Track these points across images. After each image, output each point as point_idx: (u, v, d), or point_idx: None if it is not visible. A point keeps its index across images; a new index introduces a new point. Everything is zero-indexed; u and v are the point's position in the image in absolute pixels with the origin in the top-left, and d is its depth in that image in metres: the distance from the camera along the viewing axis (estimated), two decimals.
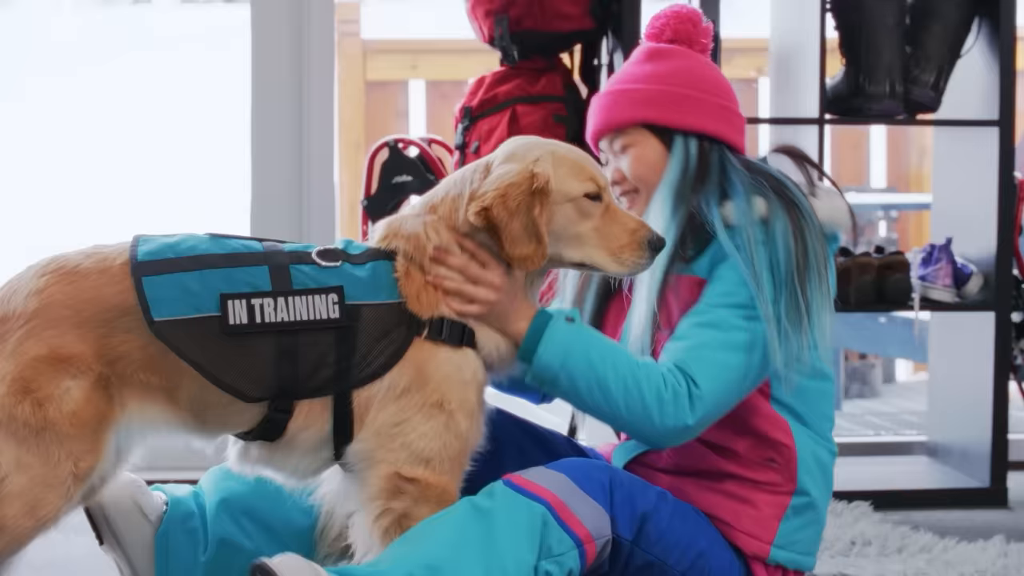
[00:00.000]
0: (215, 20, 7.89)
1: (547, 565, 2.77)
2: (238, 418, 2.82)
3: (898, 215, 8.09)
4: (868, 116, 4.77)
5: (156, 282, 2.76)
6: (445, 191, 2.94)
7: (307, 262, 2.83)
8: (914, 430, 6.00)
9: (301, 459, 2.86)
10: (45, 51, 7.35)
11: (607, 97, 3.12)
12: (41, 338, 2.72)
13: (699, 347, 2.89)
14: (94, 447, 2.74)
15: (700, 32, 3.15)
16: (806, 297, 2.92)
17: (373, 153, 4.82)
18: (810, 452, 3.03)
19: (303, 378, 2.78)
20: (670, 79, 3.08)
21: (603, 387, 2.85)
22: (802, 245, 2.93)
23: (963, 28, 4.75)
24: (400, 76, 7.61)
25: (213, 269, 2.79)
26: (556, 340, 2.85)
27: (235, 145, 5.28)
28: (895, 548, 4.01)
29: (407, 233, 2.89)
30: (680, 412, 2.85)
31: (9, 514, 2.70)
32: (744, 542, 3.00)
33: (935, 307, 4.73)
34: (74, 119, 6.94)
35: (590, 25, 4.57)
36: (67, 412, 2.71)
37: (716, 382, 2.87)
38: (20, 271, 2.83)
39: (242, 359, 2.76)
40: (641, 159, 3.07)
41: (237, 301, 2.76)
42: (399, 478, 2.81)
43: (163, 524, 3.06)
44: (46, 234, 6.55)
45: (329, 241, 4.85)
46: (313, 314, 2.78)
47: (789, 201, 2.97)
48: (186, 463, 4.02)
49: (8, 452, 2.70)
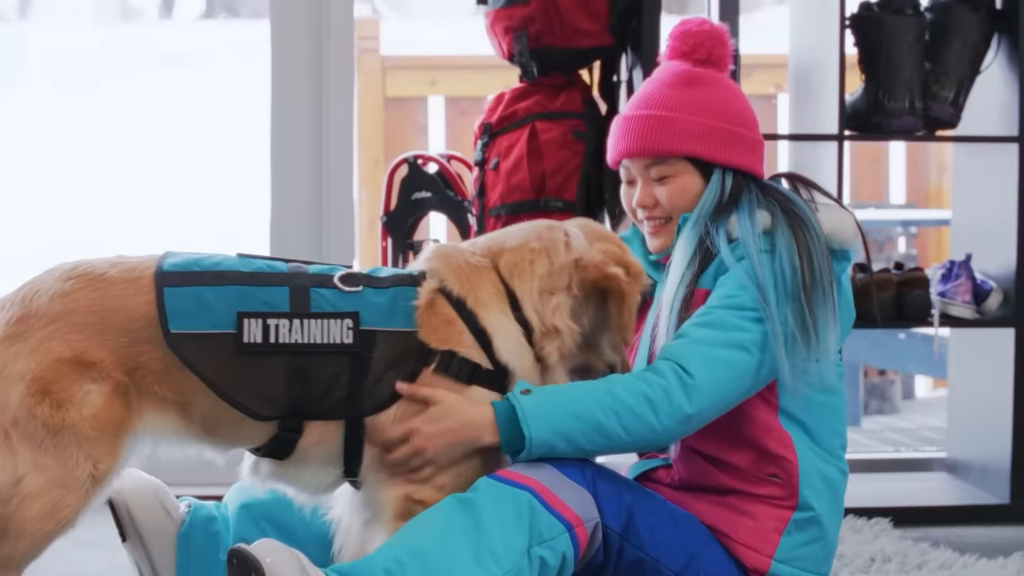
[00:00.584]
0: (236, 36, 7.91)
1: (540, 551, 2.78)
2: (249, 434, 2.84)
3: (917, 231, 8.08)
4: (887, 132, 4.77)
5: (176, 293, 2.78)
6: (518, 242, 2.97)
7: (328, 286, 2.85)
8: (934, 446, 5.98)
9: (313, 475, 2.89)
10: (66, 64, 7.38)
11: (642, 120, 3.11)
12: (65, 340, 2.74)
13: (696, 343, 2.91)
14: (112, 450, 2.75)
15: (729, 52, 3.17)
16: (813, 313, 2.93)
17: (392, 169, 4.83)
18: (814, 468, 3.03)
19: (315, 400, 2.80)
20: (715, 113, 3.09)
21: (598, 428, 2.85)
22: (807, 261, 2.95)
23: (982, 44, 4.74)
24: (419, 92, 7.62)
25: (233, 286, 2.81)
26: (534, 416, 2.83)
27: (255, 161, 5.29)
28: (915, 565, 4.00)
29: (456, 265, 2.92)
30: (675, 404, 2.85)
31: (29, 516, 2.71)
32: (744, 554, 3.00)
33: (955, 323, 4.72)
34: (95, 133, 6.96)
35: (609, 41, 4.57)
36: (87, 415, 2.72)
37: (712, 374, 2.88)
38: (42, 273, 2.84)
39: (254, 377, 2.78)
40: (683, 191, 3.10)
41: (253, 320, 2.78)
42: (411, 500, 2.84)
43: (185, 525, 3.10)
44: (66, 246, 6.57)
45: (348, 257, 4.87)
46: (327, 338, 2.80)
47: (795, 217, 2.99)
48: (205, 479, 4.03)
49: (25, 452, 2.72)
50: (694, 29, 3.16)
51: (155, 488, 3.09)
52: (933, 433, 6.49)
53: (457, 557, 2.73)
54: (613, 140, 3.18)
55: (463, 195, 4.72)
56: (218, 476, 3.45)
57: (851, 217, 3.09)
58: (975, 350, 5.00)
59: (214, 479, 3.83)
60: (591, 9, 4.52)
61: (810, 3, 4.84)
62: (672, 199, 3.10)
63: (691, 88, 3.11)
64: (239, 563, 2.68)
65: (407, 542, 2.76)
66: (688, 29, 3.17)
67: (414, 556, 2.72)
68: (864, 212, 7.81)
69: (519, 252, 2.97)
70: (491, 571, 2.74)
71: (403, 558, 2.72)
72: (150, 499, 3.07)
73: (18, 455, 2.71)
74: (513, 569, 2.76)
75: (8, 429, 2.71)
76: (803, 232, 2.97)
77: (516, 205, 4.49)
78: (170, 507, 3.09)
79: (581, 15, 4.50)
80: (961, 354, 5.12)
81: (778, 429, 3.01)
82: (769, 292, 2.91)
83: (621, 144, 3.15)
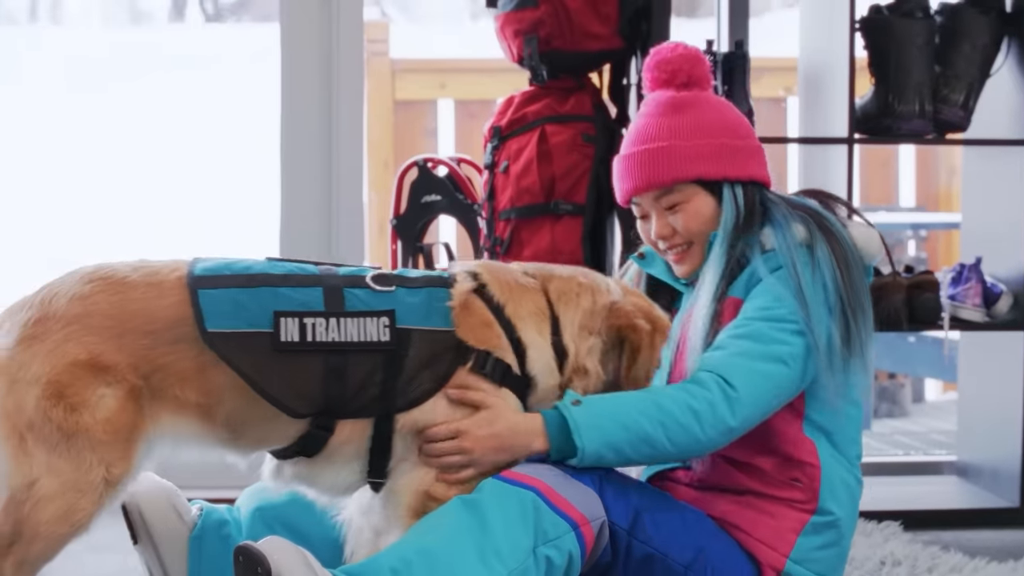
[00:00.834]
0: (245, 40, 7.92)
1: (546, 550, 2.79)
2: (277, 434, 2.85)
3: (927, 234, 8.07)
4: (897, 135, 4.77)
5: (211, 295, 2.79)
6: (567, 273, 3.04)
7: (361, 286, 2.88)
8: (944, 450, 5.97)
9: (336, 474, 2.89)
10: (77, 68, 7.40)
11: (641, 156, 3.13)
12: (81, 343, 2.74)
13: (736, 355, 2.93)
14: (125, 455, 2.75)
15: (707, 70, 3.19)
16: (857, 327, 2.97)
17: (402, 172, 4.84)
18: (836, 474, 3.05)
19: (349, 398, 2.82)
20: (710, 131, 3.10)
21: (645, 439, 2.87)
22: (847, 275, 2.97)
23: (992, 48, 4.74)
24: (429, 95, 7.62)
25: (267, 287, 2.83)
26: (586, 427, 2.87)
27: (265, 164, 5.30)
28: (925, 568, 3.99)
29: (502, 278, 2.97)
30: (719, 416, 2.88)
31: (43, 519, 2.71)
32: (760, 551, 3.02)
33: (965, 326, 4.71)
34: (106, 135, 6.98)
35: (619, 45, 4.57)
36: (101, 419, 2.72)
37: (754, 388, 2.90)
38: (62, 275, 2.84)
39: (291, 376, 2.79)
40: (697, 215, 3.11)
41: (289, 319, 2.79)
42: (428, 497, 2.85)
43: (197, 528, 3.11)
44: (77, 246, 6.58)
45: (358, 260, 4.87)
46: (364, 336, 2.82)
47: (829, 232, 3.00)
48: (218, 482, 4.03)
49: (40, 456, 2.72)
50: (669, 55, 3.18)
51: (167, 491, 3.10)
52: (943, 436, 6.48)
53: (463, 556, 2.74)
54: (618, 180, 3.20)
55: (473, 198, 4.72)
56: (230, 479, 3.45)
57: (876, 233, 3.11)
58: (985, 353, 4.99)
59: (226, 482, 3.83)
60: (601, 12, 4.52)
61: (820, 6, 4.84)
62: (687, 225, 3.11)
63: (681, 113, 3.12)
64: (245, 560, 2.69)
65: (413, 542, 2.77)
66: (664, 57, 3.19)
67: (420, 555, 2.73)
68: (874, 215, 7.80)
69: (568, 282, 3.02)
70: (496, 570, 2.75)
71: (410, 557, 2.73)
72: (162, 502, 3.08)
73: (33, 458, 2.72)
74: (519, 568, 2.77)
75: (24, 432, 2.72)
76: (840, 246, 3.00)
77: (526, 208, 4.49)
78: (182, 510, 3.10)
79: (591, 18, 4.50)
80: (971, 357, 5.12)
81: (802, 437, 3.03)
82: (812, 305, 2.94)
83: (627, 183, 3.17)
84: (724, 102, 3.19)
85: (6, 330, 2.77)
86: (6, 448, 2.72)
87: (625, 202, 3.20)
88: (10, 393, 2.73)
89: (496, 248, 4.54)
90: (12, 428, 2.72)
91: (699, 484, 3.10)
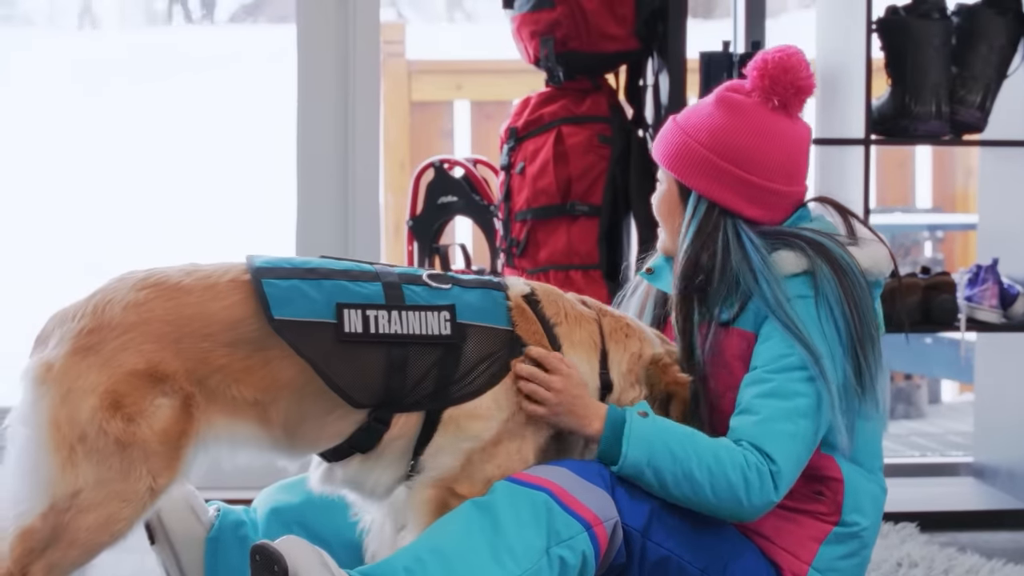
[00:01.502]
0: (262, 41, 7.93)
1: (559, 551, 2.80)
2: (332, 430, 2.86)
3: (944, 235, 8.05)
4: (914, 136, 4.76)
5: (275, 284, 2.81)
6: (618, 313, 3.09)
7: (418, 283, 2.91)
8: (960, 451, 5.96)
9: (384, 471, 2.91)
10: (92, 70, 7.41)
11: (664, 127, 3.14)
12: (140, 351, 2.73)
13: (767, 421, 2.91)
14: (173, 464, 2.75)
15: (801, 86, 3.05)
16: (868, 363, 2.95)
17: (419, 173, 4.84)
18: (860, 486, 3.05)
19: (408, 390, 2.84)
20: (708, 138, 3.03)
21: (689, 477, 2.87)
22: (855, 308, 2.94)
23: (1009, 48, 4.73)
24: (445, 97, 7.62)
25: (329, 280, 2.85)
26: (639, 437, 2.87)
27: (281, 165, 5.31)
28: (941, 570, 3.99)
29: (556, 301, 3.01)
30: (765, 490, 2.88)
31: (83, 526, 2.71)
32: (782, 558, 3.01)
33: (981, 328, 4.70)
34: (119, 137, 6.99)
35: (635, 46, 4.57)
36: (158, 429, 2.72)
37: (791, 455, 2.90)
38: (111, 282, 2.83)
39: (354, 366, 2.81)
40: (661, 200, 3.14)
41: (353, 311, 2.82)
42: (451, 493, 2.87)
43: (214, 529, 3.11)
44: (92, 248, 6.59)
45: (374, 260, 4.88)
46: (425, 329, 2.85)
47: (833, 262, 2.96)
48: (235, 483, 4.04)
49: (87, 467, 2.70)
50: (776, 53, 3.06)
51: (185, 492, 3.10)
52: (959, 438, 6.47)
53: (477, 556, 2.75)
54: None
55: (489, 199, 4.72)
56: (247, 481, 3.46)
57: (884, 249, 3.06)
58: (1002, 354, 4.98)
59: (243, 483, 3.84)
60: (617, 13, 4.52)
61: (837, 7, 4.84)
62: (657, 203, 3.14)
63: (714, 109, 3.08)
64: (262, 559, 2.70)
65: (427, 543, 2.78)
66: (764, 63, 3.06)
67: (434, 555, 2.74)
68: (891, 216, 7.79)
69: (619, 321, 3.05)
70: (510, 570, 2.76)
71: (423, 557, 2.75)
72: (179, 503, 3.08)
73: (79, 469, 2.70)
74: (532, 568, 2.77)
75: (75, 444, 2.70)
76: (844, 277, 2.95)
77: (542, 209, 4.50)
78: (199, 511, 3.10)
79: (607, 19, 4.50)
80: (988, 358, 5.11)
81: (822, 456, 3.02)
82: (817, 346, 2.91)
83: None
84: (758, 125, 3.03)
85: (57, 340, 2.75)
86: (54, 459, 2.70)
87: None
88: (64, 403, 2.71)
89: (512, 249, 4.54)
90: (63, 439, 2.71)
91: None
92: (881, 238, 3.09)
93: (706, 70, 4.62)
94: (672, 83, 4.49)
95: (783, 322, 2.92)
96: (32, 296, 5.92)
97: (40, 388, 2.72)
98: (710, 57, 4.63)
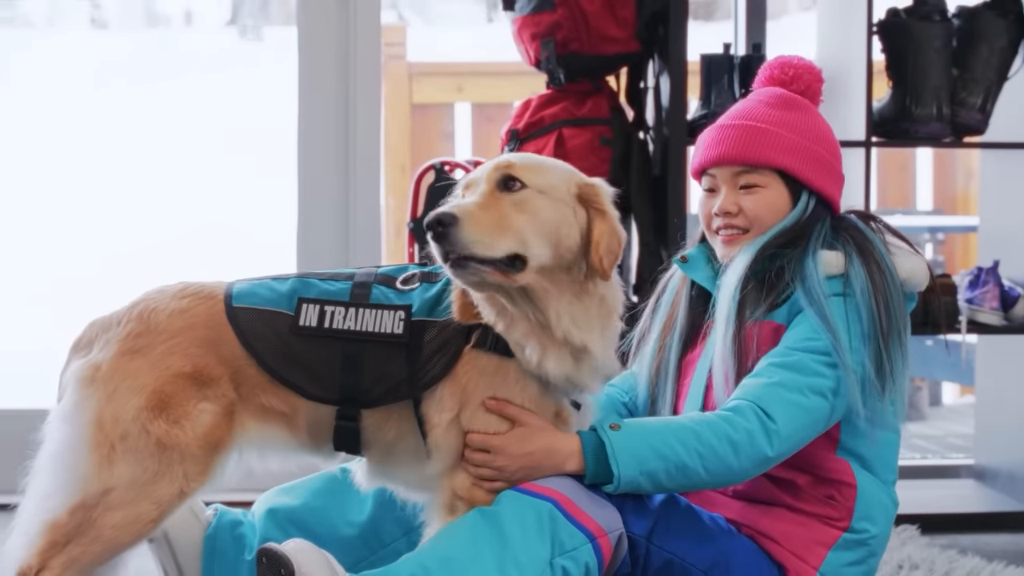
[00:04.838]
0: (264, 43, 7.94)
1: (563, 561, 2.80)
2: (327, 432, 2.90)
3: (944, 237, 8.06)
4: (915, 138, 4.76)
5: (244, 282, 2.92)
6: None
7: (389, 286, 2.93)
8: (961, 453, 5.97)
9: (410, 468, 2.93)
10: (92, 72, 7.41)
11: (739, 129, 3.10)
12: (186, 355, 2.80)
13: (776, 386, 2.91)
14: (207, 470, 2.81)
15: (820, 88, 3.20)
16: (890, 358, 2.95)
17: (419, 175, 4.84)
18: (873, 495, 3.05)
19: (366, 387, 2.86)
20: (811, 136, 3.10)
21: (682, 468, 2.87)
22: (884, 305, 2.95)
23: (1010, 51, 4.74)
24: (446, 99, 7.63)
25: (298, 278, 2.92)
26: (624, 452, 2.86)
27: (282, 167, 5.31)
28: (942, 572, 3.99)
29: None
30: (756, 447, 2.87)
31: (109, 524, 2.75)
32: (789, 561, 3.02)
33: (982, 330, 4.71)
34: (118, 139, 6.99)
35: (636, 48, 4.58)
36: (199, 433, 2.77)
37: (792, 420, 2.90)
38: (151, 292, 2.91)
39: (308, 360, 2.85)
40: (768, 204, 3.09)
41: (311, 305, 2.87)
42: (456, 497, 2.89)
43: (212, 527, 3.14)
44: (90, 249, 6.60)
45: (375, 263, 4.88)
46: (379, 327, 2.86)
47: (871, 259, 2.99)
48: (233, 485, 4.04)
49: (123, 467, 2.76)
50: (794, 62, 3.19)
51: None
52: (960, 440, 6.47)
53: (482, 565, 2.75)
54: (704, 147, 3.15)
55: None
56: (247, 483, 3.46)
57: (923, 261, 3.09)
58: (1003, 356, 4.99)
59: (242, 485, 3.83)
60: (618, 16, 4.52)
61: (838, 9, 4.84)
62: (756, 209, 3.08)
63: (790, 110, 3.12)
64: (269, 562, 2.71)
65: (432, 550, 2.79)
66: (788, 61, 3.20)
67: (439, 563, 2.75)
68: (891, 218, 7.77)
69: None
70: None
71: (428, 564, 2.76)
72: None
73: (115, 467, 2.75)
74: None
75: (115, 442, 2.76)
76: (880, 275, 2.98)
77: None
78: (197, 509, 3.13)
79: (608, 22, 4.50)
80: (989, 360, 5.11)
81: (837, 459, 3.03)
82: (841, 337, 2.93)
83: (713, 151, 3.12)
84: (828, 125, 3.18)
85: (102, 343, 2.82)
86: (92, 457, 2.76)
87: (701, 169, 3.15)
88: (110, 402, 2.77)
89: None
90: (104, 438, 2.77)
91: (732, 494, 3.10)
92: (919, 251, 3.12)
93: (707, 72, 4.62)
94: (673, 85, 4.49)
95: (819, 315, 2.94)
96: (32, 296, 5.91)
97: (88, 388, 2.80)
98: (711, 59, 4.63)
